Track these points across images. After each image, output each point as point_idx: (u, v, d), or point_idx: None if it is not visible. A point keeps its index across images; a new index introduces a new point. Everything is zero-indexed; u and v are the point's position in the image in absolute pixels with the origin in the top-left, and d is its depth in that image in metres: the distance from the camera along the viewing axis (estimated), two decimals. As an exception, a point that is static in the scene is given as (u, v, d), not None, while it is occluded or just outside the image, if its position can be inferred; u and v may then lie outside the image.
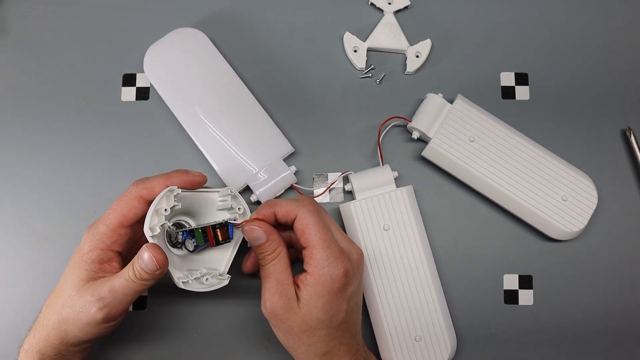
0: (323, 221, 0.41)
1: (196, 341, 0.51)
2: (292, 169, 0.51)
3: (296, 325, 0.40)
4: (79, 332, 0.41)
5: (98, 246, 0.41)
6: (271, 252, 0.41)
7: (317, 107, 0.54)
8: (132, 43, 0.54)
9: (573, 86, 0.54)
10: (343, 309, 0.41)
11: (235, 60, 0.54)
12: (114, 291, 0.40)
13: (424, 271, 0.48)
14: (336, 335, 0.41)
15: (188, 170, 0.43)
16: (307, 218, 0.40)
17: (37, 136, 0.53)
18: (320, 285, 0.40)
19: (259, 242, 0.41)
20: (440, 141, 0.49)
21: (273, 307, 0.40)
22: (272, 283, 0.41)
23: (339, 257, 0.40)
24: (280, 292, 0.40)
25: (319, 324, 0.40)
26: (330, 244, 0.40)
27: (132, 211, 0.41)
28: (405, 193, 0.49)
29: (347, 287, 0.41)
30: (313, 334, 0.41)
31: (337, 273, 0.40)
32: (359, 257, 0.43)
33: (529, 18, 0.55)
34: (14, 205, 0.52)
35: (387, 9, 0.54)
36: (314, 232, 0.40)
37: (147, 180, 0.42)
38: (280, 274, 0.41)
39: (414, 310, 0.48)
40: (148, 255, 0.39)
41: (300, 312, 0.40)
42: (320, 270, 0.40)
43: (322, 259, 0.40)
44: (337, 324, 0.41)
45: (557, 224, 0.49)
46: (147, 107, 0.54)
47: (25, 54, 0.55)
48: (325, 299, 0.40)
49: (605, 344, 0.50)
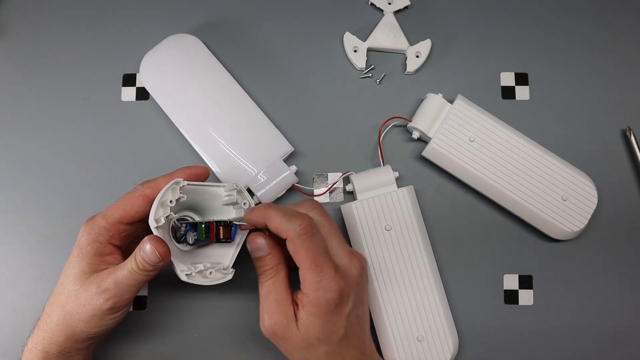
0: (315, 243, 0.40)
1: (196, 341, 0.51)
2: (293, 169, 0.50)
3: (296, 344, 0.40)
4: (84, 325, 0.41)
5: (96, 239, 0.42)
6: (270, 268, 0.41)
7: (317, 107, 0.54)
8: (132, 43, 0.54)
9: (573, 86, 0.54)
10: (342, 326, 0.40)
11: (235, 62, 0.54)
12: (118, 283, 0.40)
13: (426, 271, 0.48)
14: (338, 351, 0.41)
15: (190, 165, 0.44)
16: (297, 243, 0.39)
17: (37, 136, 0.53)
18: (315, 307, 0.39)
19: (260, 254, 0.41)
20: (440, 141, 0.49)
21: (272, 328, 0.40)
22: (271, 303, 0.41)
23: (332, 279, 0.39)
24: (279, 312, 0.40)
25: (318, 342, 0.40)
26: (323, 267, 0.39)
27: (134, 209, 0.42)
28: (406, 193, 0.49)
29: (343, 305, 0.40)
30: (314, 351, 0.41)
31: (331, 295, 0.39)
32: (358, 271, 0.42)
33: (529, 18, 0.55)
34: (14, 205, 0.52)
35: (387, 9, 0.54)
36: (305, 257, 0.39)
37: (152, 180, 0.43)
38: (278, 293, 0.41)
39: (416, 310, 0.48)
40: (150, 246, 0.39)
41: (299, 332, 0.40)
42: (313, 293, 0.39)
43: (315, 282, 0.39)
44: (337, 341, 0.41)
45: (557, 224, 0.49)
46: (147, 107, 0.54)
47: (25, 54, 0.55)
48: (322, 319, 0.40)
49: (605, 344, 0.50)
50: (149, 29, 0.54)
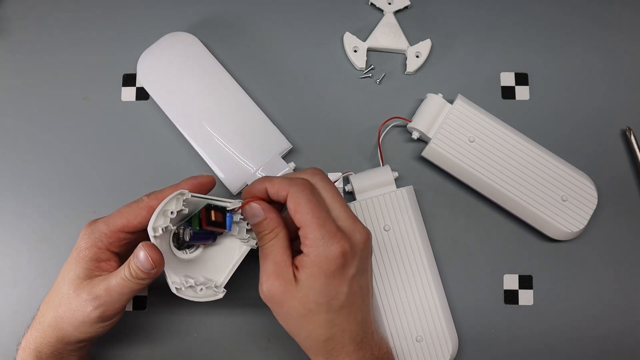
0: (316, 199, 0.38)
1: (196, 341, 0.51)
2: (292, 166, 0.50)
3: (294, 310, 0.39)
4: (74, 330, 0.41)
5: (95, 244, 0.41)
6: (269, 231, 0.40)
7: (317, 107, 0.54)
8: (133, 43, 0.54)
9: (573, 86, 0.54)
10: (343, 292, 0.38)
11: (234, 62, 0.54)
12: (110, 290, 0.40)
13: (425, 271, 0.48)
14: (337, 321, 0.39)
15: (196, 175, 0.43)
16: (299, 197, 0.38)
17: (37, 136, 0.53)
18: (316, 266, 0.38)
19: (257, 220, 0.40)
20: (440, 141, 0.49)
21: (270, 290, 0.39)
22: (270, 264, 0.39)
23: (334, 236, 0.38)
24: (277, 273, 0.39)
25: (317, 307, 0.38)
26: (325, 223, 0.38)
27: (137, 219, 0.41)
28: (405, 193, 0.49)
29: (346, 268, 0.38)
30: (312, 319, 0.39)
31: (333, 253, 0.37)
32: (363, 238, 0.39)
33: (529, 18, 0.55)
34: (14, 205, 0.52)
35: (387, 9, 0.54)
36: (306, 210, 0.38)
37: (158, 191, 0.42)
38: (277, 255, 0.39)
39: (414, 311, 0.48)
40: (144, 253, 0.38)
41: (297, 295, 0.38)
42: (315, 251, 0.38)
43: (317, 238, 0.37)
44: (337, 308, 0.39)
45: (557, 224, 0.49)
46: (147, 107, 0.54)
47: (25, 54, 0.55)
48: (322, 280, 0.38)
49: (606, 344, 0.50)
50: (149, 29, 0.54)
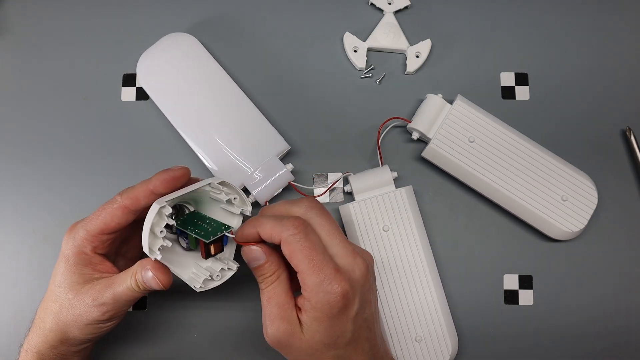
0: (311, 242, 0.37)
1: (196, 341, 0.51)
2: (289, 167, 0.50)
3: (302, 350, 0.38)
4: (79, 332, 0.41)
5: (82, 251, 0.41)
6: (271, 274, 0.39)
7: (317, 107, 0.54)
8: (133, 43, 0.54)
9: (573, 86, 0.54)
10: (349, 330, 0.38)
11: (233, 62, 0.54)
12: (116, 298, 0.40)
13: (424, 272, 0.48)
14: (345, 355, 0.39)
15: (168, 169, 0.41)
16: (292, 243, 0.37)
17: (37, 136, 0.53)
18: (318, 311, 0.37)
19: (258, 263, 0.39)
20: (440, 142, 0.49)
21: (275, 334, 0.38)
22: (273, 308, 0.39)
23: (334, 280, 0.37)
24: (282, 317, 0.38)
25: (324, 347, 0.38)
26: (322, 267, 0.37)
27: (115, 220, 0.41)
28: (404, 194, 0.49)
29: (349, 307, 0.38)
30: (321, 357, 0.38)
31: (334, 298, 0.37)
32: (362, 272, 0.39)
33: (529, 18, 0.55)
34: (14, 205, 0.53)
35: (387, 9, 0.54)
36: (301, 257, 0.37)
37: (131, 189, 0.41)
38: (280, 297, 0.39)
39: (414, 311, 0.48)
40: (152, 274, 0.39)
41: (304, 337, 0.38)
42: (315, 297, 0.37)
43: (315, 284, 0.37)
44: (344, 345, 0.38)
45: (557, 224, 0.49)
46: (147, 107, 0.54)
47: (25, 54, 0.55)
48: (326, 323, 0.37)
49: (606, 344, 0.50)
50: (149, 29, 0.54)
